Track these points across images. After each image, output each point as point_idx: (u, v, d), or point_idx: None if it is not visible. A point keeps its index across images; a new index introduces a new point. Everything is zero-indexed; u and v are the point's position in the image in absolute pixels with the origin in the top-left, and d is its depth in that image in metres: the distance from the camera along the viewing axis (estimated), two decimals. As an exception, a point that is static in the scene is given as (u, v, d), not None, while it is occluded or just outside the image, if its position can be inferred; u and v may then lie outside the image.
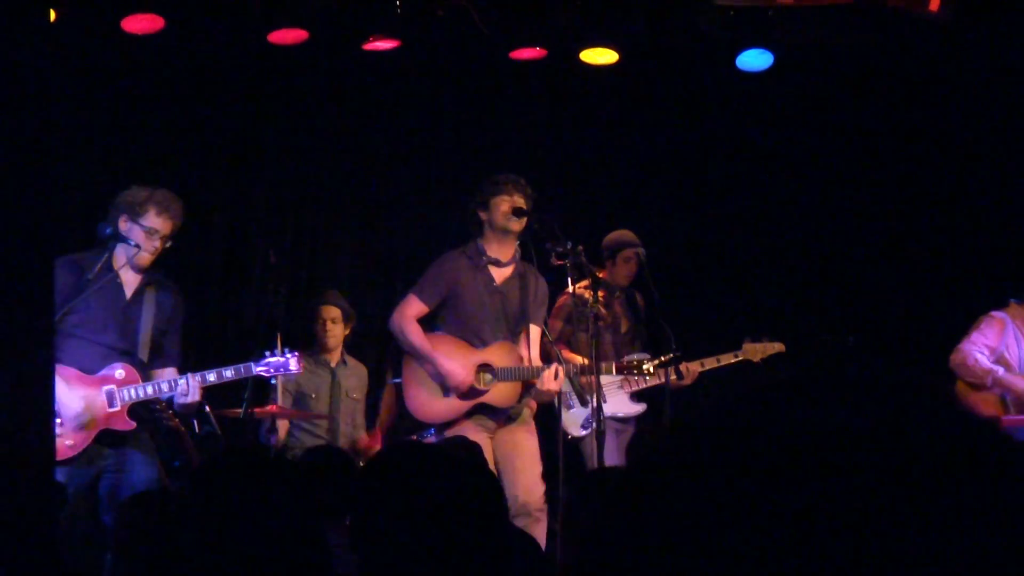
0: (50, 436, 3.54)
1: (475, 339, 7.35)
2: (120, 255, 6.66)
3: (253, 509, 3.14)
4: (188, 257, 9.21)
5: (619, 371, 7.79)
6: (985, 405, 8.15)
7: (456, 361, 7.26)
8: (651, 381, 8.35)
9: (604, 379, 8.11)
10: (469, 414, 7.31)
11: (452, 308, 7.39)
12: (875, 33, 8.61)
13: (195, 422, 8.00)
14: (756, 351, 8.36)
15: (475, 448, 6.24)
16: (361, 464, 8.40)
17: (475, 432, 7.19)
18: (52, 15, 6.81)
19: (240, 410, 7.28)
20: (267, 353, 6.82)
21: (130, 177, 8.76)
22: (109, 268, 6.68)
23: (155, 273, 6.77)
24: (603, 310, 7.52)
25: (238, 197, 9.46)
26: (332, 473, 5.55)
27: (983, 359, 8.19)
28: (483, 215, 7.41)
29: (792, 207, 10.29)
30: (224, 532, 3.11)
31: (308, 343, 8.89)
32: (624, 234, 8.56)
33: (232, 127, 9.34)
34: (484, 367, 7.31)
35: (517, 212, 7.29)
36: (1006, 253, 9.37)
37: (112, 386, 6.49)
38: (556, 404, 7.63)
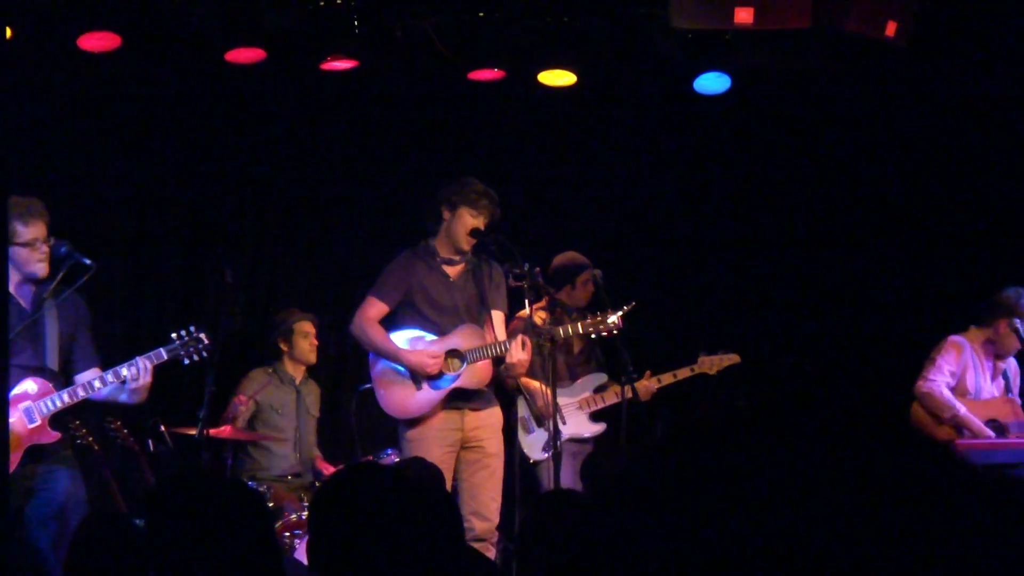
0: (4, 454, 3.50)
1: (438, 331, 7.37)
2: (13, 273, 6.52)
3: (208, 531, 3.13)
4: (144, 275, 9.18)
5: (582, 405, 7.79)
6: (940, 426, 8.20)
7: (422, 352, 7.29)
8: (610, 401, 8.34)
9: (563, 400, 8.10)
10: (445, 401, 7.33)
11: (412, 306, 7.41)
12: (832, 58, 8.67)
13: (149, 441, 7.95)
14: (712, 364, 8.40)
15: (434, 470, 6.23)
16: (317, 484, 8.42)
17: (445, 437, 7.27)
18: (8, 32, 6.80)
19: (195, 429, 7.23)
20: (172, 335, 6.70)
21: (84, 195, 8.75)
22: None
23: (49, 283, 6.64)
24: (559, 332, 7.52)
25: (194, 215, 9.42)
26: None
27: (948, 395, 8.24)
28: (446, 215, 7.41)
29: (749, 229, 10.33)
30: (179, 555, 3.09)
31: (271, 358, 8.87)
32: (576, 257, 8.53)
33: (189, 146, 9.30)
34: (452, 353, 7.33)
35: (474, 233, 7.32)
36: (966, 277, 9.44)
37: (28, 402, 6.40)
38: (515, 428, 7.62)
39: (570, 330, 7.55)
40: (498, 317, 7.47)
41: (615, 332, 7.55)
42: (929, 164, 9.96)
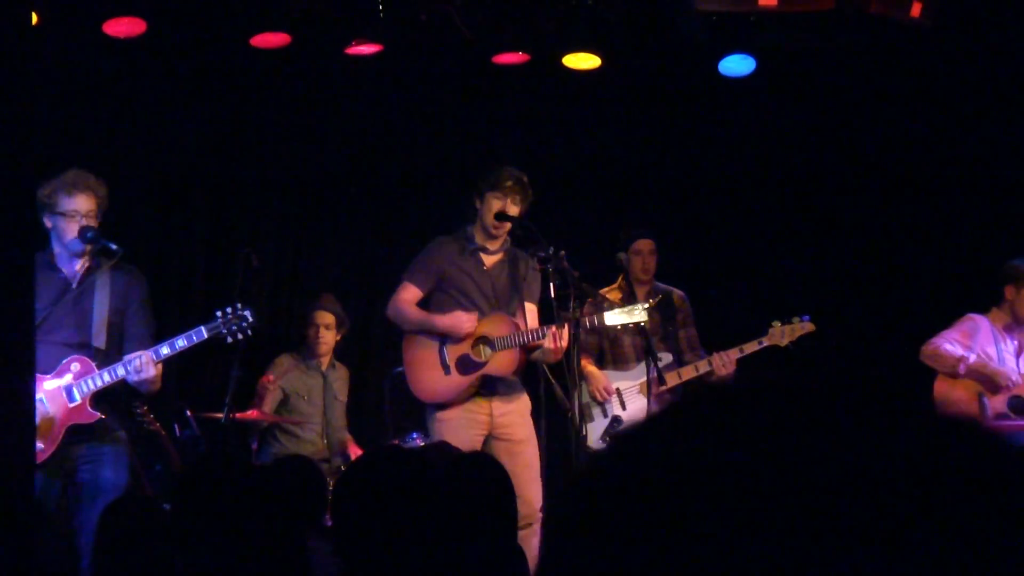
0: (31, 448, 3.51)
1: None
2: (56, 248, 6.54)
3: (234, 516, 3.14)
4: (170, 260, 9.21)
5: (642, 388, 7.82)
6: (964, 407, 8.15)
7: (456, 313, 7.37)
8: (672, 382, 8.02)
9: (624, 384, 8.08)
10: (474, 389, 7.39)
11: (445, 291, 7.49)
12: (857, 38, 8.62)
13: (176, 425, 7.98)
14: (784, 333, 7.85)
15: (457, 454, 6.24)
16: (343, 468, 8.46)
17: (474, 419, 7.36)
18: (34, 18, 6.81)
19: (222, 414, 7.25)
20: (217, 313, 6.67)
21: (111, 180, 8.77)
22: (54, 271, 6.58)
23: (100, 258, 6.63)
24: (586, 319, 7.49)
25: (220, 200, 9.44)
26: (301, 483, 5.53)
27: (952, 348, 8.17)
28: (477, 204, 7.48)
29: (774, 213, 10.31)
30: (205, 539, 3.10)
31: (298, 345, 8.90)
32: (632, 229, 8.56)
33: (214, 131, 9.32)
34: (481, 339, 7.36)
35: (499, 216, 7.33)
36: (991, 258, 9.38)
37: (70, 380, 6.42)
38: (577, 417, 7.43)
39: (597, 320, 7.51)
40: (531, 309, 7.51)
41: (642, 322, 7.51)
42: (955, 143, 9.91)
